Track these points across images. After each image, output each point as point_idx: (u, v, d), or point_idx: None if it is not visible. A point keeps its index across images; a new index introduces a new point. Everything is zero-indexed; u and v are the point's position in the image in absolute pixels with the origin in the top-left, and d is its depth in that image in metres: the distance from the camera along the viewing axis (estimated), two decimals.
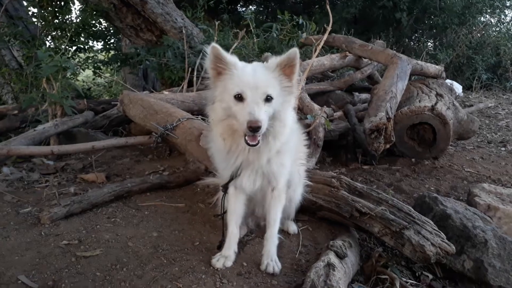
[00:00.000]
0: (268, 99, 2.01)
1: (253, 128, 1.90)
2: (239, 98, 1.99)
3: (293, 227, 2.80)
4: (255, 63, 2.18)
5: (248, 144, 2.01)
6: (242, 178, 2.28)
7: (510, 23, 14.65)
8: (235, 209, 2.43)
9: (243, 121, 1.93)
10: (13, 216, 2.85)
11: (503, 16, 14.50)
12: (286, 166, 2.33)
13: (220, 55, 2.03)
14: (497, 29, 14.22)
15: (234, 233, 2.41)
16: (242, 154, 2.17)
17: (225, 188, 2.40)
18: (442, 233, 2.36)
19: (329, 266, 2.15)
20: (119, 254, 2.40)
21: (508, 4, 14.27)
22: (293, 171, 2.55)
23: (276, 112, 2.06)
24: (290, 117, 2.21)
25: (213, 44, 2.02)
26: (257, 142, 2.00)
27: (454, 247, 2.29)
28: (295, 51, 2.06)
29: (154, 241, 2.58)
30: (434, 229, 2.37)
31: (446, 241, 2.31)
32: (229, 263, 2.31)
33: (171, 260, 2.36)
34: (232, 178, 2.31)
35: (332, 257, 2.23)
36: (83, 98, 5.77)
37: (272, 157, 2.21)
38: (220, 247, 2.46)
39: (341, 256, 2.29)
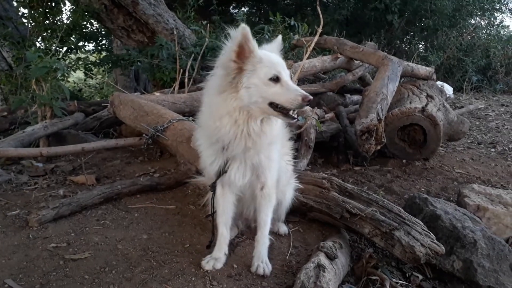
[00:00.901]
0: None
1: (309, 101, 2.00)
2: (276, 80, 2.02)
3: (283, 228, 2.80)
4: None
5: (294, 118, 2.08)
6: (230, 172, 2.25)
7: (500, 25, 14.82)
8: (224, 210, 2.41)
9: (293, 97, 1.99)
10: (0, 219, 2.82)
11: (493, 19, 14.65)
12: (274, 160, 2.32)
13: (249, 38, 2.00)
14: (487, 31, 14.35)
15: (224, 235, 2.40)
16: (242, 140, 2.11)
17: (213, 187, 2.38)
18: (431, 234, 2.37)
19: (319, 267, 2.15)
20: (108, 257, 2.38)
21: (497, 7, 14.42)
22: (281, 168, 2.53)
23: None
24: None
25: (243, 25, 1.98)
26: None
27: (443, 248, 2.30)
28: (280, 37, 2.36)
29: (143, 243, 2.57)
30: (424, 230, 2.38)
31: (436, 241, 2.31)
32: (219, 265, 2.30)
33: (160, 262, 2.35)
34: (219, 175, 2.28)
35: (322, 258, 2.23)
36: (73, 100, 5.71)
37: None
38: (209, 246, 2.46)
39: (331, 257, 2.29)
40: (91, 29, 8.67)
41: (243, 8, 16.41)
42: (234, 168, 2.25)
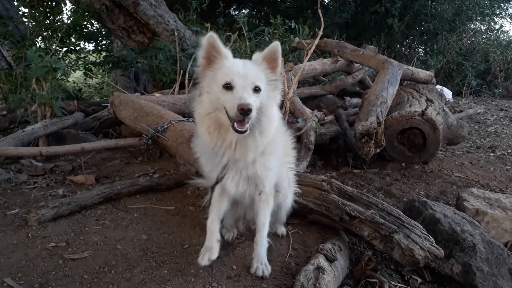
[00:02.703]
0: (257, 89, 2.00)
1: (244, 111, 1.86)
2: (228, 87, 1.96)
3: (282, 229, 2.80)
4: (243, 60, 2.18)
5: (237, 131, 1.94)
6: (226, 181, 2.25)
7: (500, 30, 14.88)
8: (218, 202, 2.39)
9: (233, 105, 1.89)
10: None
11: (492, 24, 14.71)
12: (272, 169, 2.30)
13: (216, 45, 2.02)
14: (487, 36, 14.41)
15: (214, 221, 2.35)
16: (229, 151, 2.13)
17: (213, 190, 2.39)
18: (431, 237, 2.37)
19: (319, 269, 2.15)
20: (108, 257, 2.38)
21: (497, 12, 14.48)
22: (282, 175, 2.53)
23: (263, 106, 2.05)
24: (276, 113, 2.20)
25: (211, 33, 2.01)
26: (245, 128, 1.95)
27: (442, 251, 2.30)
28: (276, 44, 2.12)
29: (143, 243, 2.57)
30: (423, 233, 2.38)
31: (435, 245, 2.32)
32: (214, 255, 2.23)
33: (160, 263, 2.35)
34: (218, 181, 2.28)
35: (321, 261, 2.24)
36: (73, 100, 5.71)
37: (257, 158, 2.18)
38: None
39: (330, 260, 2.29)
40: (92, 29, 8.68)
41: (243, 10, 16.43)
42: (229, 178, 2.25)
